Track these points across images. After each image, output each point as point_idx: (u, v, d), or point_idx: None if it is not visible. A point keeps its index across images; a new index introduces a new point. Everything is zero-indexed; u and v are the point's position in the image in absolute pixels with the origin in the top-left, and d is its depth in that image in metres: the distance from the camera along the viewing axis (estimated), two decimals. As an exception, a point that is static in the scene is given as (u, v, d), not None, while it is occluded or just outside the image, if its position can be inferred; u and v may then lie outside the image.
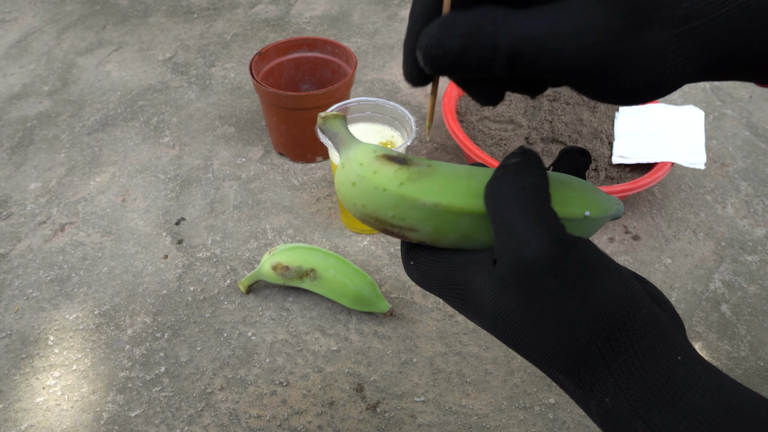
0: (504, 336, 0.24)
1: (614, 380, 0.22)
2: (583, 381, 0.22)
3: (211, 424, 0.53)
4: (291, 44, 0.80)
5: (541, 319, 0.22)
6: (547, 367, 0.23)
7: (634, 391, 0.22)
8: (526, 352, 0.24)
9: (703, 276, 0.67)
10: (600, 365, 0.22)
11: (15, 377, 0.56)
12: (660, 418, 0.21)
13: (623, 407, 0.22)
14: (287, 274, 0.60)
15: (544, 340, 0.23)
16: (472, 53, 0.21)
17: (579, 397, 0.23)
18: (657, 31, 0.21)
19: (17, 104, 0.90)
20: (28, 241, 0.69)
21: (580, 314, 0.22)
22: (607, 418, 0.22)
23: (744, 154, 0.85)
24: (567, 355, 0.22)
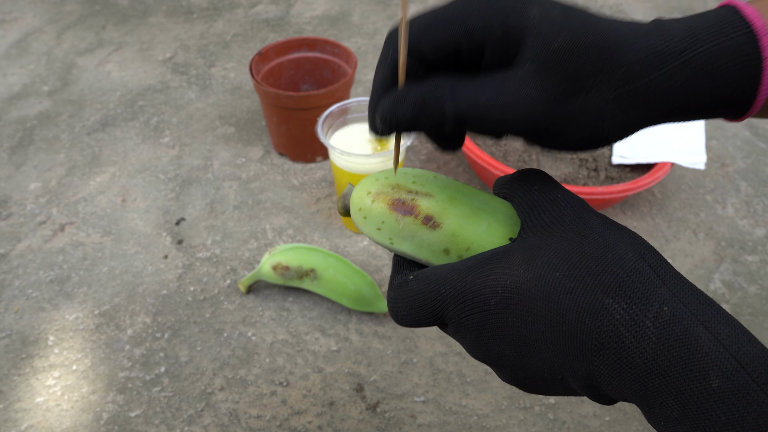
0: (542, 278, 0.22)
1: (669, 288, 0.22)
2: (638, 293, 0.21)
3: (211, 424, 0.53)
4: (291, 44, 0.80)
5: (587, 243, 0.23)
6: (594, 292, 0.22)
7: (690, 300, 0.21)
8: (567, 286, 0.22)
9: (703, 276, 0.67)
10: (652, 276, 0.22)
11: (15, 377, 0.56)
12: (720, 326, 0.21)
13: (683, 314, 0.21)
14: (287, 274, 0.60)
15: (592, 259, 0.22)
16: (424, 119, 0.24)
17: (631, 317, 0.21)
18: (593, 96, 0.23)
19: (17, 104, 0.90)
20: (28, 241, 0.69)
21: (623, 237, 0.23)
22: (666, 329, 0.21)
23: (744, 154, 0.85)
24: (619, 266, 0.22)
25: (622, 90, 0.23)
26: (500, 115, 0.24)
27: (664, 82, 0.23)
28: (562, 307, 0.22)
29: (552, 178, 0.27)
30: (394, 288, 0.27)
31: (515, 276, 0.23)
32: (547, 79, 0.23)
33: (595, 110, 0.23)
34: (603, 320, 0.21)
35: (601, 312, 0.21)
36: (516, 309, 0.23)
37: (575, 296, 0.22)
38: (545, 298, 0.22)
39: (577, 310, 0.22)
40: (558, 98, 0.23)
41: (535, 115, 0.23)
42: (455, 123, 0.24)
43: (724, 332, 0.20)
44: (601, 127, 0.24)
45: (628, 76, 0.23)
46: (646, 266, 0.22)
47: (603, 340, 0.21)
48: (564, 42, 0.23)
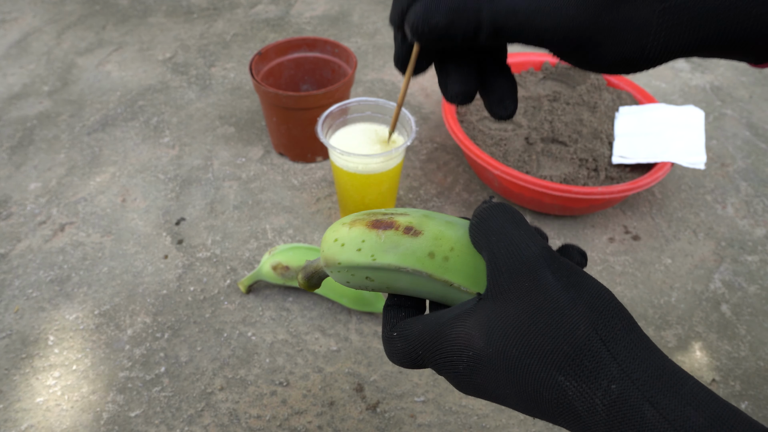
0: (500, 351, 0.23)
1: (618, 364, 0.22)
2: (587, 371, 0.22)
3: (211, 424, 0.53)
4: (291, 44, 0.80)
5: (541, 313, 0.23)
6: (547, 369, 0.23)
7: (638, 375, 0.21)
8: (523, 363, 0.23)
9: (703, 276, 0.67)
10: (602, 351, 0.22)
11: (15, 377, 0.56)
12: (667, 401, 0.21)
13: (630, 391, 0.21)
14: (287, 274, 0.60)
15: (545, 335, 0.23)
16: (458, 27, 0.22)
17: (582, 393, 0.22)
18: (639, 5, 0.22)
19: (17, 104, 0.90)
20: (28, 241, 0.69)
21: (577, 304, 0.23)
22: (614, 407, 0.21)
23: (744, 154, 0.85)
24: (568, 344, 0.22)
25: (670, 2, 0.22)
26: (541, 23, 0.22)
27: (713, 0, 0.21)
28: (522, 380, 0.23)
29: (513, 216, 0.26)
30: (384, 341, 0.29)
31: (476, 349, 0.24)
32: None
33: (640, 22, 0.22)
34: (558, 394, 0.22)
35: (555, 387, 0.22)
36: (482, 375, 0.24)
37: (532, 372, 0.23)
38: (506, 370, 0.23)
39: (535, 384, 0.23)
40: (604, 4, 0.22)
41: (579, 21, 0.22)
42: (491, 32, 0.23)
43: (670, 406, 0.21)
44: (642, 43, 0.22)
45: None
46: (598, 340, 0.22)
47: (561, 410, 0.22)
48: None
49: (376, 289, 0.30)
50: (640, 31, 0.22)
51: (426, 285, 0.28)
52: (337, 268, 0.30)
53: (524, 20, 0.22)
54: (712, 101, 0.95)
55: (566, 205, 0.68)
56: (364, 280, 0.30)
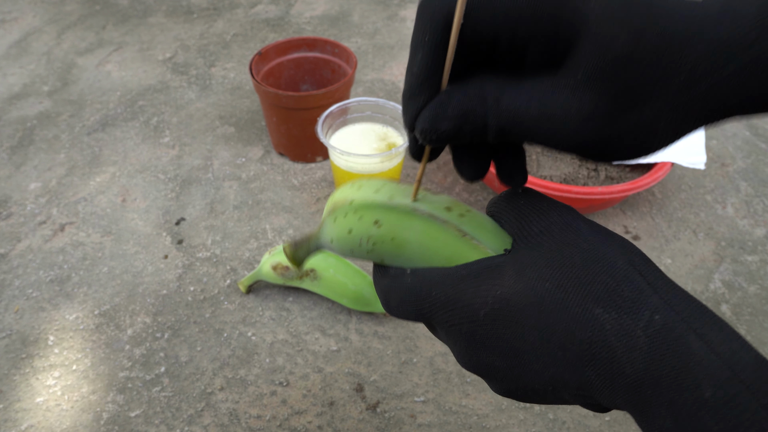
0: (532, 289, 0.22)
1: (660, 296, 0.21)
2: (628, 302, 0.21)
3: (211, 424, 0.53)
4: (291, 44, 0.80)
5: (576, 250, 0.23)
6: (584, 302, 0.21)
7: (682, 307, 0.21)
8: (557, 297, 0.22)
9: (703, 276, 0.67)
10: (642, 283, 0.21)
11: (15, 377, 0.56)
12: (714, 335, 0.20)
13: (675, 322, 0.20)
14: (287, 274, 0.60)
15: (581, 267, 0.22)
16: (465, 131, 0.23)
17: (622, 326, 0.21)
18: (647, 109, 0.21)
19: (17, 104, 0.90)
20: (28, 241, 0.69)
21: (611, 244, 0.23)
22: (658, 338, 0.20)
23: (744, 154, 0.85)
24: (608, 275, 0.22)
25: (680, 100, 0.21)
26: (547, 132, 0.22)
27: (729, 83, 0.20)
28: (552, 318, 0.22)
29: (537, 192, 0.26)
30: (389, 276, 0.27)
31: (506, 287, 0.23)
32: (601, 92, 0.21)
33: (647, 124, 0.21)
34: (593, 331, 0.21)
35: (592, 322, 0.21)
36: (506, 320, 0.23)
37: (565, 306, 0.21)
38: (535, 308, 0.22)
39: (568, 321, 0.21)
40: (611, 115, 0.21)
41: (585, 133, 0.22)
42: (496, 134, 0.23)
43: (717, 340, 0.20)
44: (651, 140, 0.22)
45: (688, 81, 0.20)
46: (636, 274, 0.22)
47: (594, 351, 0.21)
48: (623, 48, 0.20)
49: (377, 250, 0.28)
50: (648, 132, 0.22)
51: (437, 237, 0.27)
52: (345, 211, 0.28)
53: (529, 128, 0.22)
54: (712, 101, 0.95)
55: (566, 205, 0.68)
56: (371, 227, 0.27)
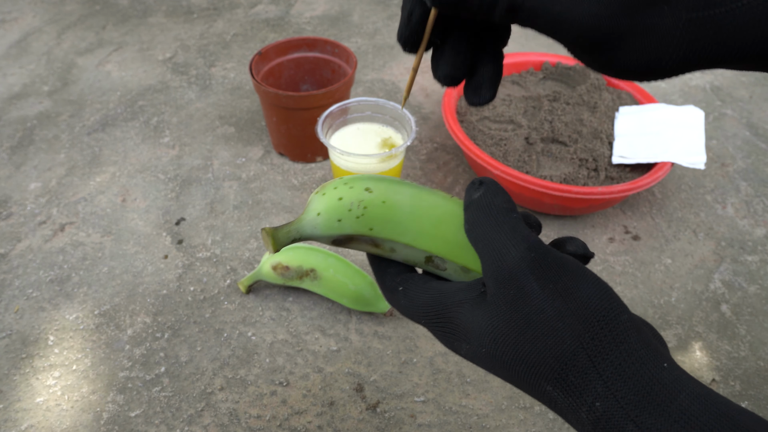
0: (492, 354, 0.24)
1: (603, 382, 0.21)
2: (572, 386, 0.22)
3: (211, 424, 0.53)
4: (291, 44, 0.80)
5: (528, 325, 0.23)
6: (535, 378, 0.23)
7: (624, 393, 0.21)
8: (514, 369, 0.24)
9: (703, 276, 0.67)
10: (588, 367, 0.22)
11: (15, 377, 0.56)
12: (652, 421, 0.20)
13: (614, 410, 0.21)
14: (287, 274, 0.60)
15: (532, 346, 0.23)
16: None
17: (569, 405, 0.22)
18: (665, 13, 0.20)
19: (17, 104, 0.90)
20: (28, 241, 0.69)
21: (564, 315, 0.22)
22: (599, 424, 0.21)
23: (744, 154, 0.85)
24: (554, 359, 0.22)
25: (698, 14, 0.20)
26: (559, 11, 0.21)
27: (742, 16, 0.20)
28: (515, 381, 0.24)
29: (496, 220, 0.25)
30: (387, 289, 0.29)
31: (472, 345, 0.25)
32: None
33: (663, 30, 0.21)
34: (549, 401, 0.23)
35: (545, 395, 0.23)
36: (481, 363, 0.25)
37: (522, 377, 0.23)
38: (500, 369, 0.24)
39: (527, 387, 0.24)
40: (629, 5, 0.20)
41: (599, 19, 0.21)
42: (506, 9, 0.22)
43: (655, 426, 0.20)
44: (661, 53, 0.21)
45: None
46: (584, 355, 0.22)
47: (553, 410, 0.23)
48: None
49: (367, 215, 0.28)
50: (661, 41, 0.21)
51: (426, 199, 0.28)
52: (334, 185, 0.29)
53: (541, 5, 0.21)
54: (712, 101, 0.95)
55: (566, 205, 0.68)
56: (362, 192, 0.28)
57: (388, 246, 0.29)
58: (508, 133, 0.77)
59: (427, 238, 0.28)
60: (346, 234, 0.28)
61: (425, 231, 0.28)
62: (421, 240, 0.28)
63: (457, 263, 0.28)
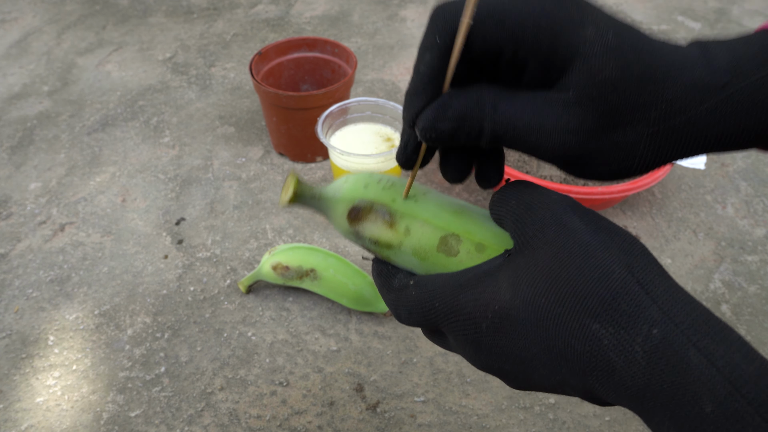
0: (528, 302, 0.22)
1: (659, 307, 0.21)
2: (625, 316, 0.21)
3: (211, 424, 0.53)
4: (291, 44, 0.80)
5: (572, 258, 0.22)
6: (580, 317, 0.21)
7: (681, 318, 0.20)
8: (553, 314, 0.22)
9: (703, 276, 0.67)
10: (640, 294, 0.21)
11: (15, 377, 0.56)
12: (714, 347, 0.20)
13: (674, 335, 0.20)
14: (287, 274, 0.60)
15: (578, 279, 0.21)
16: (462, 133, 0.24)
17: (620, 341, 0.20)
18: (629, 131, 0.23)
19: (17, 104, 0.90)
20: (28, 241, 0.69)
21: (609, 246, 0.22)
22: (656, 353, 0.20)
23: (744, 154, 0.85)
24: (604, 288, 0.21)
25: (659, 127, 0.23)
26: (536, 141, 0.24)
27: (704, 119, 0.23)
28: (551, 333, 0.22)
29: (531, 185, 0.26)
30: (394, 291, 0.28)
31: (503, 301, 0.23)
32: (588, 110, 0.23)
33: (628, 145, 0.23)
34: (592, 345, 0.21)
35: (589, 338, 0.21)
36: (507, 333, 0.23)
37: (563, 322, 0.22)
38: (534, 324, 0.22)
39: (566, 336, 0.22)
40: (596, 131, 0.23)
41: (570, 146, 0.23)
42: (490, 139, 0.24)
43: (718, 352, 0.20)
44: (630, 162, 0.24)
45: (667, 112, 0.23)
46: (634, 282, 0.21)
47: (594, 365, 0.21)
48: (611, 73, 0.22)
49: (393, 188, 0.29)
50: (628, 153, 0.24)
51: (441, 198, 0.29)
52: None
53: (520, 135, 0.24)
54: (712, 101, 0.95)
55: (566, 205, 0.68)
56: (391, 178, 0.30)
57: (404, 225, 0.28)
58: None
59: (446, 215, 0.28)
60: (368, 200, 0.29)
61: (445, 211, 0.29)
62: (440, 217, 0.28)
63: (473, 241, 0.27)
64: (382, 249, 0.29)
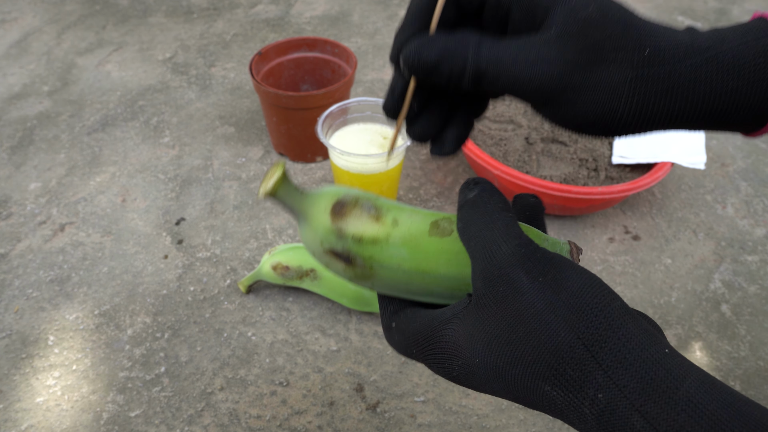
0: (485, 362, 0.23)
1: (603, 371, 0.21)
2: (571, 381, 0.21)
3: (211, 424, 0.53)
4: (291, 44, 0.80)
5: (519, 322, 0.22)
6: (532, 379, 0.22)
7: (626, 381, 0.20)
8: (510, 374, 0.23)
9: (703, 276, 0.67)
10: (586, 358, 0.21)
11: (15, 377, 0.56)
12: (657, 410, 0.20)
13: (618, 401, 0.20)
14: (287, 274, 0.60)
15: (525, 343, 0.22)
16: (445, 65, 0.25)
17: (570, 403, 0.21)
18: (612, 70, 0.23)
19: (17, 104, 0.90)
20: (28, 241, 0.69)
21: (556, 307, 0.22)
22: (603, 417, 0.20)
23: (744, 154, 0.85)
24: (550, 353, 0.21)
25: (643, 71, 0.23)
26: (517, 72, 0.24)
27: (688, 74, 0.23)
28: (511, 388, 0.23)
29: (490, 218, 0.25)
30: (384, 329, 0.30)
31: (464, 358, 0.24)
32: (569, 44, 0.23)
33: (612, 85, 0.23)
34: (549, 403, 0.22)
35: (545, 397, 0.22)
36: (475, 380, 0.25)
37: (519, 381, 0.23)
38: (495, 380, 0.23)
39: (525, 392, 0.23)
40: (578, 64, 0.23)
41: (551, 76, 0.23)
42: (473, 75, 0.25)
43: (661, 415, 0.20)
44: (614, 106, 0.23)
45: (651, 58, 0.23)
46: (581, 346, 0.21)
47: (554, 414, 0.22)
48: (592, 12, 0.23)
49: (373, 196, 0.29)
50: (611, 94, 0.23)
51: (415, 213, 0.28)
52: None
53: (503, 69, 0.24)
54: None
55: (566, 205, 0.68)
56: None
57: (391, 217, 0.27)
58: (508, 133, 0.77)
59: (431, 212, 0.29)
60: (354, 195, 0.28)
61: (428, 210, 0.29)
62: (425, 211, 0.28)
63: None
64: (366, 247, 0.27)
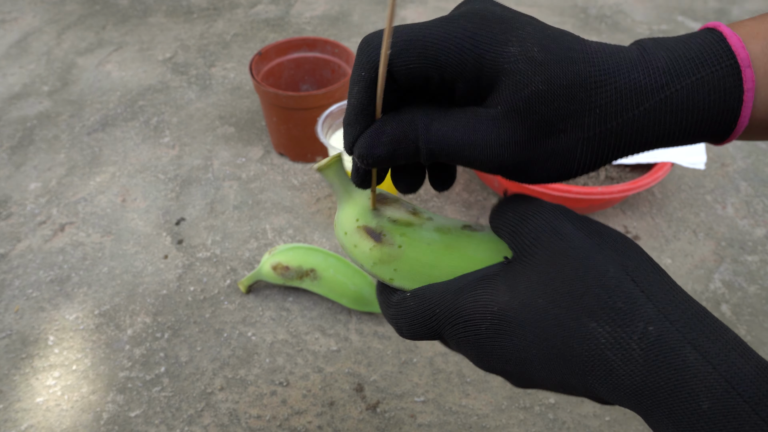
0: (525, 305, 0.23)
1: (654, 304, 0.21)
2: (621, 313, 0.21)
3: (211, 424, 0.53)
4: (291, 44, 0.80)
5: (567, 262, 0.22)
6: (577, 316, 0.21)
7: (677, 316, 0.21)
8: (550, 315, 0.22)
9: (703, 276, 0.67)
10: (636, 292, 0.21)
11: (15, 377, 0.56)
12: (710, 345, 0.20)
13: (670, 333, 0.20)
14: (287, 274, 0.60)
15: (574, 279, 0.22)
16: (399, 155, 0.25)
17: (616, 339, 0.21)
18: (563, 138, 0.23)
19: (17, 104, 0.90)
20: (28, 241, 0.69)
21: (602, 248, 0.23)
22: (652, 351, 0.20)
23: (744, 154, 0.85)
24: (600, 287, 0.21)
25: (594, 131, 0.23)
26: (470, 155, 0.24)
27: (641, 120, 0.23)
28: (550, 333, 0.22)
29: (525, 197, 0.26)
30: (393, 305, 0.28)
31: (501, 303, 0.23)
32: (517, 123, 0.23)
33: (564, 151, 0.24)
34: (589, 344, 0.21)
35: (587, 337, 0.21)
36: (507, 335, 0.23)
37: (560, 322, 0.22)
38: (532, 324, 0.23)
39: (564, 336, 0.22)
40: (528, 142, 0.23)
41: (503, 158, 0.24)
42: (427, 156, 0.25)
43: (714, 350, 0.20)
44: (569, 165, 0.24)
45: (601, 117, 0.23)
46: (630, 281, 0.22)
47: (592, 364, 0.21)
48: (537, 87, 0.22)
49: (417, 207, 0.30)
50: (565, 158, 0.24)
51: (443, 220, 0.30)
52: None
53: (455, 152, 0.24)
54: (712, 101, 0.95)
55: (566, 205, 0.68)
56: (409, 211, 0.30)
57: (426, 215, 0.29)
58: (508, 133, 0.77)
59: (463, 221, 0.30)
60: (395, 195, 0.30)
61: None
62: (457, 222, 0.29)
63: None
64: (400, 227, 0.29)
